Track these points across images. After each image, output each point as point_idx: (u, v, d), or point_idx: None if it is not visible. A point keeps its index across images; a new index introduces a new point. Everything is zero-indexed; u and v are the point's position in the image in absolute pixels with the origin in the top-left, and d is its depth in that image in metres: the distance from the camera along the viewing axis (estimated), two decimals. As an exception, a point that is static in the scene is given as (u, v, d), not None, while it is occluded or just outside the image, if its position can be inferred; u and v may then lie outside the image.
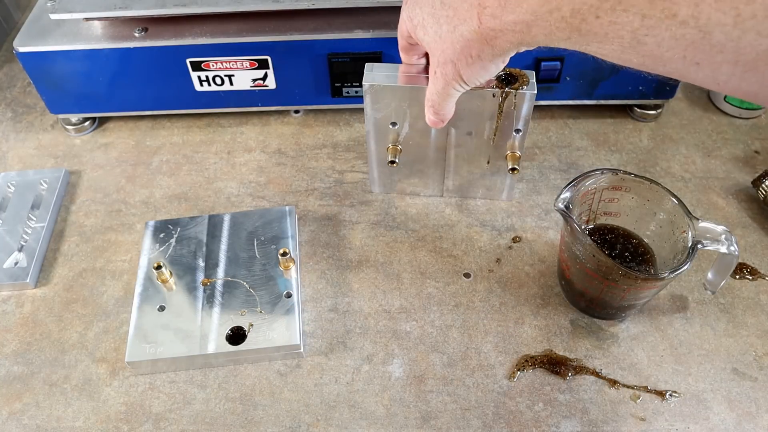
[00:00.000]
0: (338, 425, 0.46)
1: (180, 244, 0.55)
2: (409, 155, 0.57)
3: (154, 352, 0.48)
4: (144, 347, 0.49)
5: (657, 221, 0.50)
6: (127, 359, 0.48)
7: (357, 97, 0.65)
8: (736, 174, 0.63)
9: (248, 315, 0.50)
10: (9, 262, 0.56)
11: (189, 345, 0.49)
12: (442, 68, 0.42)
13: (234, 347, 0.48)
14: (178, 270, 0.53)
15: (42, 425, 0.47)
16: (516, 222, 0.59)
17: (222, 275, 0.53)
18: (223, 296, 0.52)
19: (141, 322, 0.50)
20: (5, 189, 0.62)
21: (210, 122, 0.69)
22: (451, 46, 0.40)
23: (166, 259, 0.54)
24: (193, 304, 0.51)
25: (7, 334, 0.52)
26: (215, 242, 0.55)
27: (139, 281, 0.53)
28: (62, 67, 0.61)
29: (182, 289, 0.52)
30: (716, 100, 0.69)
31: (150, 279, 0.53)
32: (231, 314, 0.50)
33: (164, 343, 0.49)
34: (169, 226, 0.57)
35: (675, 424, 0.46)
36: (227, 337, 0.49)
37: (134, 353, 0.48)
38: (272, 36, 0.60)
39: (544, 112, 0.69)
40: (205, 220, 0.57)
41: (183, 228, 0.56)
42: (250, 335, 0.49)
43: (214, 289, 0.52)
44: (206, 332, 0.49)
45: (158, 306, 0.51)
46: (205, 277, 0.53)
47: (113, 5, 0.57)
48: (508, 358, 0.50)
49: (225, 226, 0.56)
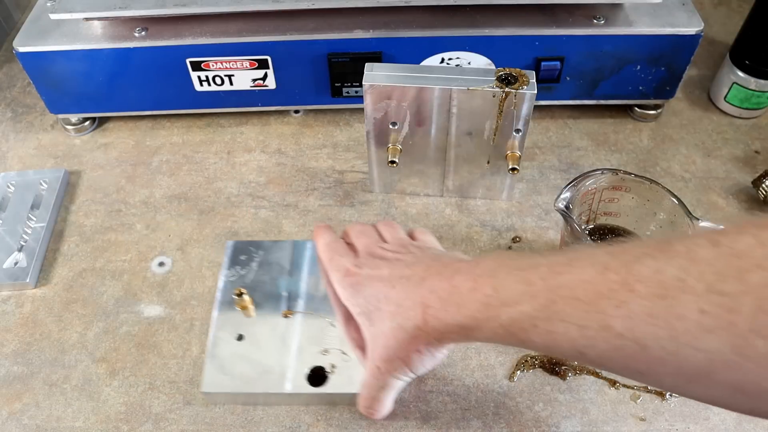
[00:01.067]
0: (338, 425, 0.46)
1: (262, 269, 0.53)
2: (409, 155, 0.57)
3: (231, 384, 0.46)
4: (221, 378, 0.46)
5: (657, 221, 0.50)
6: (204, 389, 0.46)
7: (357, 97, 0.65)
8: (736, 174, 0.63)
9: (330, 355, 0.47)
10: (9, 262, 0.56)
11: (267, 381, 0.46)
12: (386, 364, 0.39)
13: (314, 389, 0.46)
14: (258, 297, 0.51)
15: (42, 425, 0.47)
16: (516, 222, 0.59)
17: (303, 307, 0.50)
18: (303, 331, 0.49)
19: (218, 350, 0.48)
20: (5, 189, 0.62)
21: (210, 122, 0.69)
22: (396, 342, 0.38)
23: (247, 284, 0.52)
24: (272, 336, 0.48)
25: (7, 334, 0.52)
26: (297, 271, 0.52)
27: (216, 305, 0.50)
28: (62, 67, 0.61)
29: (262, 318, 0.50)
30: (716, 100, 0.69)
31: (228, 303, 0.50)
32: (311, 352, 0.47)
33: (242, 376, 0.46)
34: (250, 249, 0.54)
35: (675, 424, 0.46)
36: (307, 377, 0.46)
37: (211, 384, 0.46)
38: (272, 36, 0.60)
39: (544, 112, 0.69)
40: (288, 245, 0.54)
41: (266, 252, 0.54)
42: (332, 377, 0.46)
43: (294, 322, 0.49)
44: (284, 369, 0.47)
45: (237, 334, 0.48)
46: (288, 308, 0.50)
47: (113, 5, 0.57)
48: (508, 358, 0.50)
49: (308, 254, 0.54)
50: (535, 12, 0.60)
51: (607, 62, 0.61)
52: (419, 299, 0.37)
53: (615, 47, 0.60)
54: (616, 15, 0.60)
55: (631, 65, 0.62)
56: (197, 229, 0.59)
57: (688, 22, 0.59)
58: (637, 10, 0.60)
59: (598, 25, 0.59)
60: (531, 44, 0.60)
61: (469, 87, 0.51)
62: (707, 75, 0.73)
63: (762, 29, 0.62)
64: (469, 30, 0.59)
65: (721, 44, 0.76)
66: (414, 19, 0.60)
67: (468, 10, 0.61)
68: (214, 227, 0.59)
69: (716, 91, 0.69)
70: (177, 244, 0.58)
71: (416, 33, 0.59)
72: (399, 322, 0.38)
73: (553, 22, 0.59)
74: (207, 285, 0.55)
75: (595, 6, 0.60)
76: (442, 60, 0.61)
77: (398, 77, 0.51)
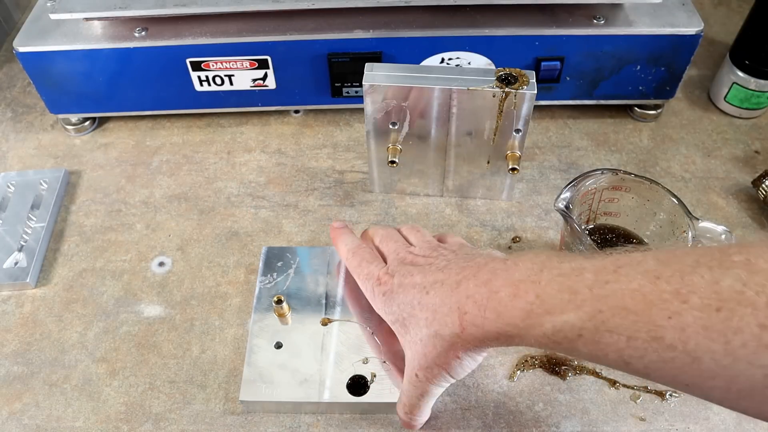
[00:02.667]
0: (338, 425, 0.46)
1: (299, 276, 0.52)
2: (409, 155, 0.57)
3: (271, 393, 0.46)
4: (260, 387, 0.46)
5: (657, 221, 0.50)
6: (242, 398, 0.46)
7: (357, 97, 0.65)
8: (736, 174, 0.63)
9: (370, 364, 0.47)
10: (9, 262, 0.56)
11: (307, 390, 0.46)
12: (425, 372, 0.39)
13: (355, 398, 0.45)
14: (294, 304, 0.50)
15: (42, 425, 0.47)
16: (516, 222, 0.59)
17: (340, 315, 0.50)
18: (341, 339, 0.48)
19: (256, 358, 0.47)
20: (5, 189, 0.62)
21: (210, 122, 0.69)
22: (433, 350, 0.37)
23: (283, 290, 0.51)
24: (310, 344, 0.48)
25: (7, 334, 0.52)
26: (333, 278, 0.52)
27: (254, 311, 0.50)
28: (62, 67, 0.61)
29: (299, 325, 0.49)
30: (716, 100, 0.69)
31: (263, 311, 0.50)
32: (350, 360, 0.47)
33: (281, 384, 0.46)
34: (287, 255, 0.54)
35: (675, 424, 0.46)
36: (347, 385, 0.46)
37: (249, 392, 0.46)
38: (272, 36, 0.60)
39: (544, 112, 0.69)
40: (326, 252, 0.54)
41: (303, 258, 0.53)
42: (372, 386, 0.46)
43: (332, 330, 0.49)
44: (323, 377, 0.46)
45: (275, 342, 0.48)
46: (326, 315, 0.50)
47: (113, 5, 0.57)
48: (508, 358, 0.50)
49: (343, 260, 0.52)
50: (535, 12, 0.60)
51: (607, 62, 0.61)
52: (455, 305, 0.36)
53: (615, 47, 0.60)
54: (616, 15, 0.60)
55: (631, 65, 0.62)
56: (197, 229, 0.59)
57: (688, 22, 0.59)
58: (637, 10, 0.60)
59: (598, 25, 0.59)
60: (531, 44, 0.60)
61: (469, 87, 0.51)
62: (707, 75, 0.73)
63: (762, 29, 0.62)
64: (469, 30, 0.59)
65: (721, 44, 0.76)
66: (414, 19, 0.60)
67: (468, 10, 0.61)
68: (214, 227, 0.59)
69: (716, 91, 0.69)
70: (177, 244, 0.58)
71: (416, 33, 0.59)
72: (435, 330, 0.37)
73: (553, 22, 0.59)
74: (207, 285, 0.55)
75: (595, 6, 0.60)
76: (442, 60, 0.61)
77: (398, 77, 0.51)
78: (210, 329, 0.52)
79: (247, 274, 0.56)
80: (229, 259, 0.57)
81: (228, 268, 0.56)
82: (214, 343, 0.51)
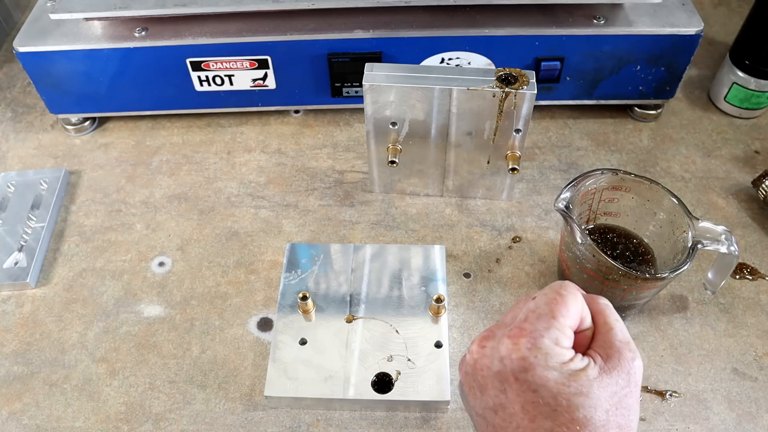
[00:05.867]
0: (338, 425, 0.46)
1: (323, 273, 0.52)
2: (409, 155, 0.57)
3: (295, 389, 0.46)
4: (285, 383, 0.46)
5: (657, 221, 0.50)
6: (267, 393, 0.46)
7: (357, 97, 0.65)
8: (736, 174, 0.63)
9: (395, 362, 0.47)
10: (9, 262, 0.56)
11: (331, 387, 0.46)
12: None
13: (379, 396, 0.45)
14: (318, 300, 0.51)
15: (42, 425, 0.47)
16: (516, 222, 0.59)
17: (364, 312, 0.50)
18: (366, 336, 0.48)
19: (281, 354, 0.48)
20: (5, 189, 0.62)
21: (210, 122, 0.69)
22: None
23: (307, 287, 0.52)
24: (335, 340, 0.48)
25: (7, 334, 0.52)
26: (358, 275, 0.52)
27: (279, 308, 0.50)
28: (62, 67, 0.61)
29: (324, 322, 0.49)
30: (716, 100, 0.69)
31: (288, 307, 0.50)
32: (374, 358, 0.47)
33: (305, 381, 0.46)
34: (311, 252, 0.54)
35: (675, 424, 0.46)
36: (372, 383, 0.46)
37: (274, 388, 0.46)
38: (272, 36, 0.60)
39: (544, 112, 0.69)
40: (350, 249, 0.54)
41: (326, 255, 0.54)
42: (397, 384, 0.46)
43: (356, 327, 0.49)
44: (348, 374, 0.46)
45: (299, 339, 0.48)
46: (350, 313, 0.50)
47: (113, 5, 0.57)
48: (508, 358, 0.50)
49: (367, 258, 0.54)
50: (535, 12, 0.60)
51: (607, 62, 0.61)
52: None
53: (615, 47, 0.60)
54: (616, 15, 0.60)
55: (631, 65, 0.62)
56: (197, 229, 0.59)
57: (688, 22, 0.59)
58: (637, 10, 0.60)
59: (598, 25, 0.59)
60: (531, 44, 0.60)
61: (469, 87, 0.51)
62: (707, 75, 0.73)
63: (762, 29, 0.62)
64: (469, 30, 0.59)
65: (721, 44, 0.76)
66: (414, 19, 0.60)
67: (468, 10, 0.61)
68: (214, 227, 0.59)
69: (716, 91, 0.69)
70: (177, 244, 0.58)
71: (416, 33, 0.59)
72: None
73: (553, 22, 0.59)
74: (207, 285, 0.55)
75: (595, 6, 0.60)
76: (442, 60, 0.61)
77: (398, 77, 0.51)
78: (210, 329, 0.52)
79: (247, 274, 0.56)
80: (229, 259, 0.57)
81: (228, 268, 0.56)
82: (214, 343, 0.51)
